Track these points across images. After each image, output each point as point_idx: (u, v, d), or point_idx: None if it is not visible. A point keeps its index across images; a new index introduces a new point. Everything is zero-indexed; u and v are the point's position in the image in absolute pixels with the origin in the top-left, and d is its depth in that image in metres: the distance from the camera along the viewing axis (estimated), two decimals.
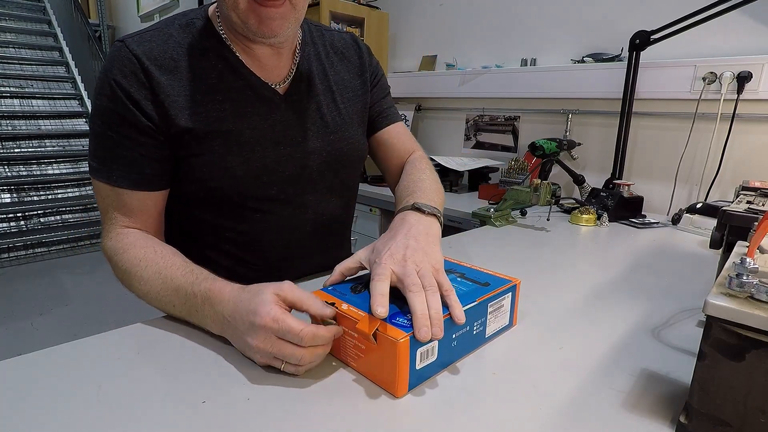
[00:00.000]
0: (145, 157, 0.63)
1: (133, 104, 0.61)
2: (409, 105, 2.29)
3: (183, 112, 0.63)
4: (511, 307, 0.57)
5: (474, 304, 0.50)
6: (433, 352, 0.46)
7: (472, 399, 0.44)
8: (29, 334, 2.10)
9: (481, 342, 0.53)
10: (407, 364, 0.43)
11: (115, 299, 2.47)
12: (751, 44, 1.30)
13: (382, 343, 0.43)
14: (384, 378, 0.44)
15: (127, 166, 0.63)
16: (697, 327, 0.60)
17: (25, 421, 0.39)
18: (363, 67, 0.80)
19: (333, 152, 0.74)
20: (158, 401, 0.42)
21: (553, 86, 1.73)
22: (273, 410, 0.41)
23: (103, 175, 0.63)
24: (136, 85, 0.61)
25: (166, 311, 0.58)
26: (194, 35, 0.66)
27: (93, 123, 0.64)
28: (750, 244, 0.42)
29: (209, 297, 0.52)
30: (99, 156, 0.63)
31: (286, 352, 0.44)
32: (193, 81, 0.64)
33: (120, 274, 0.62)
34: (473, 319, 0.50)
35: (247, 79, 0.67)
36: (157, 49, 0.63)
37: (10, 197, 3.26)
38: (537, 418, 0.41)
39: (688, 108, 1.41)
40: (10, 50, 4.16)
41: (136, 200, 0.64)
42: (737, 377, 0.34)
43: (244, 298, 0.48)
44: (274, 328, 0.44)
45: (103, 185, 0.64)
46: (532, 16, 1.82)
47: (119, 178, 0.63)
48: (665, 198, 1.49)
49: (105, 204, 0.65)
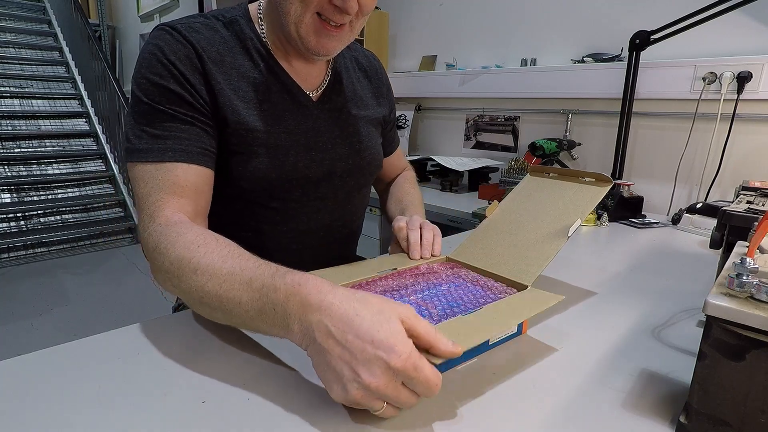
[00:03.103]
0: (203, 133, 0.62)
1: (190, 86, 0.61)
2: (409, 105, 2.29)
3: (227, 106, 0.63)
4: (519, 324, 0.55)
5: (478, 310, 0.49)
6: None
7: (472, 399, 0.44)
8: (29, 334, 2.10)
9: (485, 350, 0.52)
10: None
11: (115, 299, 2.47)
12: (751, 44, 1.31)
13: None
14: None
15: (185, 140, 0.60)
16: (697, 327, 0.60)
17: (25, 421, 0.39)
18: (381, 89, 0.86)
19: (358, 160, 0.77)
20: (158, 401, 0.42)
21: (553, 86, 1.73)
22: (273, 410, 0.41)
23: (153, 154, 0.58)
24: (191, 69, 0.61)
25: (222, 314, 0.47)
26: (238, 34, 0.67)
27: (138, 102, 0.60)
28: (750, 244, 0.42)
29: (299, 293, 0.40)
30: (149, 133, 0.59)
31: (402, 399, 0.37)
32: (236, 78, 0.65)
33: (167, 265, 0.50)
34: (474, 353, 0.50)
35: (285, 83, 0.68)
36: (206, 41, 0.63)
37: (10, 197, 3.26)
38: (537, 418, 0.41)
39: (688, 108, 1.41)
40: (10, 50, 4.16)
41: (192, 176, 0.60)
42: (737, 377, 0.34)
43: (366, 317, 0.37)
44: (410, 376, 0.36)
45: (149, 167, 0.58)
46: (532, 16, 1.82)
47: (176, 152, 0.59)
48: (665, 198, 1.50)
49: (149, 188, 0.58)
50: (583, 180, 0.68)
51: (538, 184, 0.73)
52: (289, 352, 0.51)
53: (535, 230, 0.66)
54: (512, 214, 0.71)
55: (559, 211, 0.66)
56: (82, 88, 4.15)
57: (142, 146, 0.59)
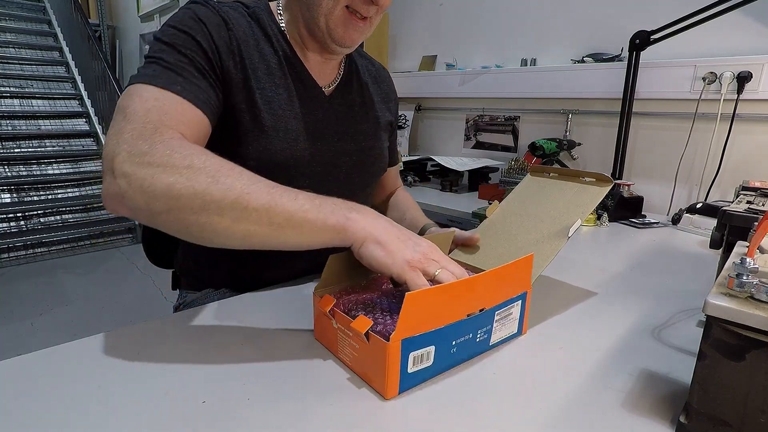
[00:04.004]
0: (212, 90, 0.61)
1: (215, 47, 0.62)
2: (409, 105, 2.29)
3: (245, 82, 0.65)
4: (521, 315, 0.55)
5: (478, 313, 0.48)
6: (428, 357, 0.44)
7: (472, 399, 0.44)
8: (29, 334, 2.10)
9: (484, 350, 0.52)
10: (397, 366, 0.42)
11: (115, 299, 2.47)
12: (751, 44, 1.30)
13: (373, 343, 0.43)
14: (374, 378, 0.44)
15: (195, 85, 0.58)
16: (697, 327, 0.60)
17: (25, 421, 0.39)
18: (390, 95, 0.88)
19: (363, 158, 0.78)
20: (158, 401, 0.42)
21: (553, 86, 1.73)
22: (273, 410, 0.41)
23: (161, 80, 0.55)
24: (218, 35, 0.63)
25: (258, 214, 0.45)
26: (260, 23, 0.69)
27: (157, 44, 0.59)
28: (750, 244, 0.42)
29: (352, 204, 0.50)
30: (162, 65, 0.56)
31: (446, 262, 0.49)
32: (257, 59, 0.67)
33: (190, 161, 0.46)
34: (477, 326, 0.49)
35: (300, 74, 0.71)
36: (235, 19, 0.66)
37: (10, 197, 3.26)
38: (537, 418, 0.41)
39: (688, 108, 1.41)
40: (10, 50, 4.16)
41: (196, 119, 0.56)
42: (737, 377, 0.34)
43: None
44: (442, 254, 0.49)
45: (153, 89, 0.54)
46: (532, 16, 1.82)
47: (185, 90, 0.56)
48: (665, 198, 1.49)
49: (150, 105, 0.52)
50: (583, 180, 0.68)
51: (538, 184, 0.73)
52: (290, 353, 0.51)
53: (535, 230, 0.65)
54: (512, 214, 0.71)
55: (559, 211, 0.66)
56: (82, 88, 4.15)
57: (150, 72, 0.56)
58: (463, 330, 0.47)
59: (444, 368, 0.47)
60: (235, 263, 0.74)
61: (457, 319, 0.45)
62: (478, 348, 0.51)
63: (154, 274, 2.72)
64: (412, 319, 0.41)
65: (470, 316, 0.47)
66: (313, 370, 0.47)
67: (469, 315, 0.47)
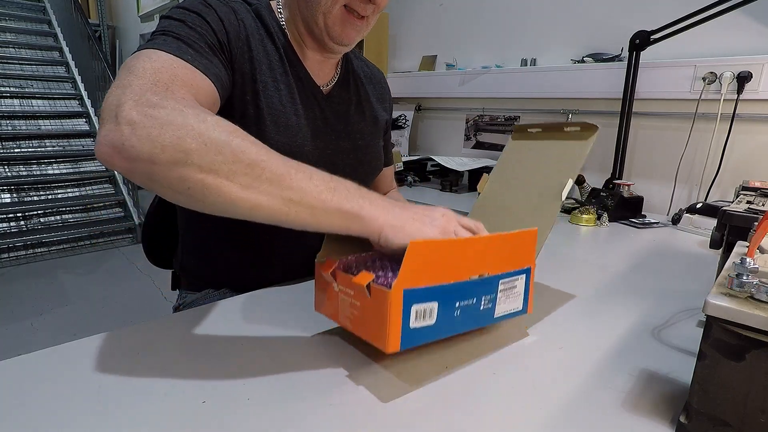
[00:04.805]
0: (222, 66, 0.60)
1: (225, 31, 0.62)
2: (409, 105, 2.29)
3: (250, 73, 0.65)
4: (525, 291, 0.54)
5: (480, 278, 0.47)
6: (431, 314, 0.43)
7: (472, 399, 0.44)
8: (29, 334, 2.10)
9: (489, 321, 0.50)
10: (399, 318, 0.41)
11: (115, 299, 2.47)
12: (751, 44, 1.30)
13: (375, 295, 0.42)
14: (375, 332, 0.42)
15: (205, 59, 0.56)
16: (697, 327, 0.60)
17: (25, 421, 0.39)
18: (384, 96, 0.88)
19: (359, 156, 0.79)
20: (158, 401, 0.42)
21: (553, 86, 1.73)
22: (273, 410, 0.41)
23: (172, 48, 0.52)
24: (228, 22, 0.63)
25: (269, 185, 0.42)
26: (262, 18, 0.70)
27: (165, 20, 0.58)
28: (750, 244, 0.42)
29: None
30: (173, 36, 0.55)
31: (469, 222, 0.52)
32: (261, 53, 0.67)
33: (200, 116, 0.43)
34: (481, 292, 0.48)
35: (299, 72, 0.72)
36: (242, 14, 0.66)
37: (10, 197, 3.26)
38: (537, 418, 0.41)
39: (688, 108, 1.41)
40: (10, 50, 4.16)
41: (207, 88, 0.54)
42: (737, 377, 0.34)
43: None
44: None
45: (164, 54, 0.51)
46: (532, 16, 1.82)
47: (196, 60, 0.54)
48: (665, 198, 1.49)
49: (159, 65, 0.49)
50: (567, 132, 0.65)
51: (522, 147, 0.71)
52: (290, 353, 0.51)
53: (527, 198, 0.63)
54: (502, 185, 0.69)
55: (549, 171, 0.63)
56: (82, 88, 4.15)
57: (159, 42, 0.53)
58: (467, 293, 0.46)
59: (447, 332, 0.46)
60: (235, 262, 0.74)
61: (460, 278, 0.45)
62: (482, 318, 0.49)
63: (154, 274, 2.72)
64: (414, 268, 0.40)
65: (473, 280, 0.46)
66: (313, 370, 0.47)
67: (472, 278, 0.46)
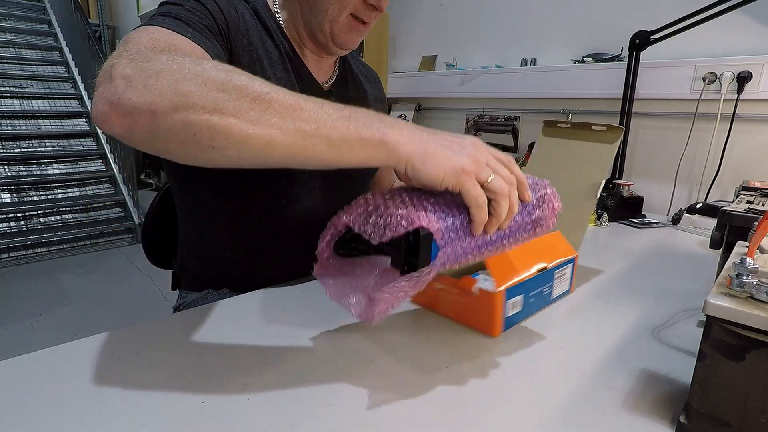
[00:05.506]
0: (224, 53, 0.60)
1: (225, 22, 0.62)
2: (409, 105, 2.29)
3: (254, 68, 0.65)
4: (571, 275, 0.67)
5: (546, 270, 0.61)
6: (519, 304, 0.58)
7: (472, 399, 0.44)
8: (29, 334, 2.10)
9: (548, 302, 0.64)
10: (501, 310, 0.54)
11: (115, 299, 2.47)
12: (751, 44, 1.31)
13: (482, 296, 0.54)
14: (483, 323, 0.56)
15: (206, 41, 0.55)
16: (697, 327, 0.60)
17: (25, 421, 0.39)
18: (380, 96, 0.89)
19: None
20: (158, 401, 0.42)
21: (553, 86, 1.73)
22: (273, 410, 0.41)
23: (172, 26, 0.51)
24: (235, 19, 0.63)
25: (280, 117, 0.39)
26: (260, 16, 0.69)
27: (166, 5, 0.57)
28: (750, 244, 0.42)
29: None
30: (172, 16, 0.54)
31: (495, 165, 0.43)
32: (261, 49, 0.67)
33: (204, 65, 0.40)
34: (544, 282, 0.61)
35: (299, 69, 0.71)
36: (242, 10, 0.66)
37: (10, 197, 3.26)
38: (537, 418, 0.41)
39: (688, 108, 1.41)
40: (10, 50, 4.16)
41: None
42: (737, 377, 0.34)
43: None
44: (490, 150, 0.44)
45: (164, 29, 0.50)
46: (532, 16, 1.82)
47: (196, 38, 0.53)
48: (665, 198, 1.50)
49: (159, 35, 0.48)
50: (594, 131, 0.72)
51: (552, 144, 0.78)
52: (290, 353, 0.51)
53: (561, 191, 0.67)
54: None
55: (581, 170, 0.71)
56: (82, 88, 4.15)
57: (158, 21, 0.52)
58: (536, 284, 0.60)
59: (525, 315, 0.59)
60: (235, 262, 0.74)
61: (531, 275, 0.58)
62: (544, 300, 0.63)
63: (154, 274, 2.72)
64: (500, 273, 0.55)
65: (540, 273, 0.60)
66: (313, 370, 0.47)
67: (540, 271, 0.59)
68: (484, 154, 0.43)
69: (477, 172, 0.41)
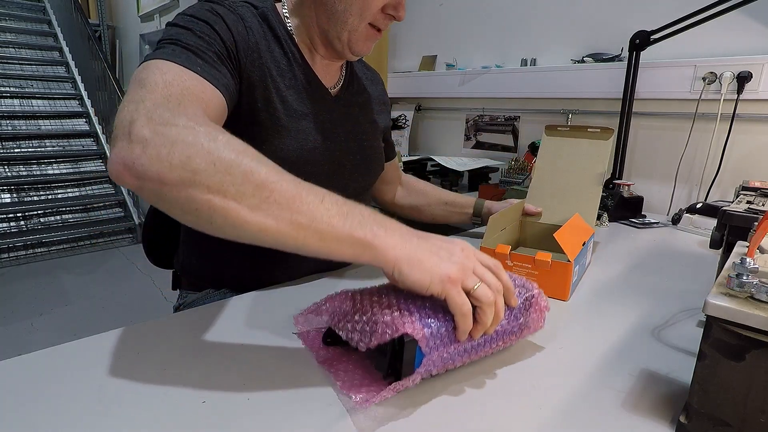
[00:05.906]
0: (231, 76, 0.60)
1: (233, 40, 0.62)
2: (409, 105, 2.29)
3: (261, 81, 0.66)
4: (591, 249, 0.82)
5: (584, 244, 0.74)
6: (578, 272, 0.72)
7: (471, 399, 0.44)
8: (29, 334, 2.10)
9: (585, 271, 0.79)
10: (571, 278, 0.66)
11: (115, 299, 2.47)
12: (751, 44, 1.30)
13: (555, 267, 0.66)
14: (557, 290, 0.67)
15: (215, 69, 0.56)
16: (697, 327, 0.60)
17: (25, 421, 0.39)
18: (384, 98, 0.91)
19: (365, 157, 0.80)
20: (158, 401, 0.42)
21: (553, 86, 1.73)
22: (273, 410, 0.41)
23: (181, 60, 0.53)
24: (236, 31, 0.63)
25: (278, 208, 0.41)
26: (269, 23, 0.70)
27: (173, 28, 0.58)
28: (750, 244, 0.42)
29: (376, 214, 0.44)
30: (182, 46, 0.55)
31: (482, 272, 0.44)
32: (269, 59, 0.68)
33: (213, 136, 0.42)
34: (582, 255, 0.73)
35: (308, 75, 0.72)
36: (249, 20, 0.66)
37: (10, 197, 3.26)
38: (537, 418, 0.41)
39: (688, 108, 1.41)
40: (10, 50, 4.16)
41: (216, 100, 0.55)
42: (737, 377, 0.34)
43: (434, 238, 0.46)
44: (478, 256, 0.46)
45: (174, 66, 0.52)
46: (532, 16, 1.82)
47: (206, 72, 0.54)
48: (665, 198, 1.49)
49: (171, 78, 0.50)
50: (590, 132, 0.89)
51: (555, 143, 0.93)
52: (290, 353, 0.51)
53: (571, 184, 0.87)
54: (548, 173, 0.92)
55: (584, 163, 0.87)
56: (82, 88, 4.16)
57: (168, 51, 0.53)
58: (582, 256, 0.72)
59: (577, 283, 0.73)
60: (235, 262, 0.74)
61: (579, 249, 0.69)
62: (583, 269, 0.77)
63: (154, 274, 2.72)
64: (569, 247, 0.66)
65: (583, 249, 0.71)
66: (313, 370, 0.47)
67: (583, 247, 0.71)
68: (472, 261, 0.44)
69: (463, 280, 0.42)
